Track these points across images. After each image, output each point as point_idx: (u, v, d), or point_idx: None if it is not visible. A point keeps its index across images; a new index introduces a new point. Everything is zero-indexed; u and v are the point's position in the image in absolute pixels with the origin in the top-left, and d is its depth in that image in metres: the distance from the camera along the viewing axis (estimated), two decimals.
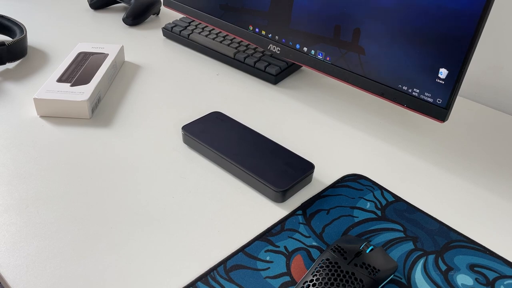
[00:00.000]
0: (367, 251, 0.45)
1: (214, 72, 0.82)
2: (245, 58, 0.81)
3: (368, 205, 0.54)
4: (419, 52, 0.59)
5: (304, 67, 0.83)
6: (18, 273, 0.44)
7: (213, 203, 0.54)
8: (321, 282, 0.42)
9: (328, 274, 0.43)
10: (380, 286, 0.44)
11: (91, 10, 1.04)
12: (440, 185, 0.59)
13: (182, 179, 0.57)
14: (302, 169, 0.56)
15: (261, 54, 0.82)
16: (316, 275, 0.43)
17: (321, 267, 0.44)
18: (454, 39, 0.56)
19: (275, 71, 0.78)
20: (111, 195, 0.54)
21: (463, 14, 0.54)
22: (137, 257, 0.47)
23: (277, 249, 0.48)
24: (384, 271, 0.44)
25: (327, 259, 0.45)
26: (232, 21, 0.81)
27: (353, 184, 0.57)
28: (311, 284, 0.43)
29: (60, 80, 0.69)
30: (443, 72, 0.58)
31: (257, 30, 0.78)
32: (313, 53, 0.72)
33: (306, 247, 0.48)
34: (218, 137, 0.61)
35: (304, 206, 0.53)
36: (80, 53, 0.77)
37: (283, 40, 0.75)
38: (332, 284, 0.42)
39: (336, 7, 0.66)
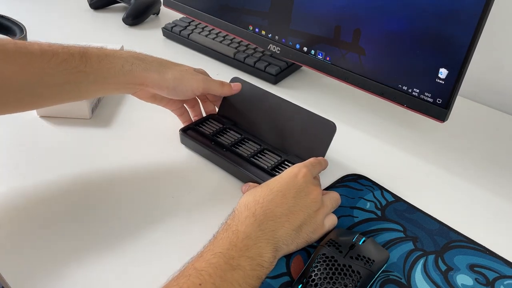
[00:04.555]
0: (360, 243, 0.46)
1: (214, 72, 0.82)
2: (245, 58, 0.81)
3: (368, 205, 0.54)
4: (419, 52, 0.59)
5: (304, 67, 0.83)
6: (18, 273, 0.44)
7: (213, 203, 0.54)
8: (320, 277, 0.43)
9: (326, 268, 0.43)
10: (376, 276, 0.44)
11: (91, 10, 1.04)
12: (440, 185, 0.59)
13: (182, 179, 0.57)
14: None
15: (261, 54, 0.82)
16: (314, 270, 0.43)
17: (319, 262, 0.44)
18: (454, 39, 0.56)
19: (275, 71, 0.78)
20: (111, 195, 0.54)
21: (463, 14, 0.54)
22: (137, 257, 0.47)
23: None
24: (379, 262, 0.45)
25: (323, 254, 0.45)
26: (232, 21, 0.81)
27: (353, 184, 0.57)
28: (310, 280, 0.43)
29: None
30: (443, 72, 0.58)
31: (257, 30, 0.78)
32: (313, 53, 0.72)
33: (306, 247, 0.48)
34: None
35: None
36: None
37: (283, 40, 0.75)
38: (331, 278, 0.42)
39: (336, 7, 0.66)
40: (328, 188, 0.56)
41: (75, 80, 0.51)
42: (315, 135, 0.56)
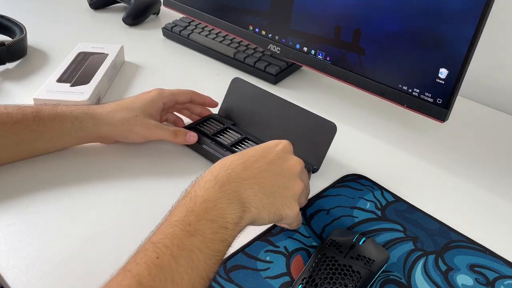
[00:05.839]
0: (360, 243, 0.46)
1: (214, 72, 0.82)
2: (245, 58, 0.81)
3: (368, 205, 0.54)
4: (419, 52, 0.59)
5: (304, 67, 0.83)
6: (18, 273, 0.44)
7: None
8: (320, 277, 0.43)
9: (326, 268, 0.43)
10: (376, 276, 0.44)
11: (91, 10, 1.04)
12: (440, 185, 0.59)
13: (182, 178, 0.57)
14: None
15: (261, 54, 0.82)
16: (314, 270, 0.44)
17: (319, 262, 0.44)
18: (454, 39, 0.56)
19: (275, 71, 0.78)
20: (110, 195, 0.54)
21: (463, 14, 0.54)
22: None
23: (277, 249, 0.48)
24: (379, 262, 0.45)
25: (324, 254, 0.45)
26: (232, 21, 0.81)
27: (353, 184, 0.57)
28: (310, 280, 0.43)
29: (60, 80, 0.69)
30: (443, 72, 0.58)
31: (257, 30, 0.78)
32: (313, 53, 0.72)
33: (306, 247, 0.48)
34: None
35: (304, 206, 0.53)
36: (80, 53, 0.77)
37: (283, 40, 0.75)
38: (331, 278, 0.42)
39: (336, 7, 0.66)
40: (328, 188, 0.56)
41: (29, 140, 0.55)
42: (316, 136, 0.56)
